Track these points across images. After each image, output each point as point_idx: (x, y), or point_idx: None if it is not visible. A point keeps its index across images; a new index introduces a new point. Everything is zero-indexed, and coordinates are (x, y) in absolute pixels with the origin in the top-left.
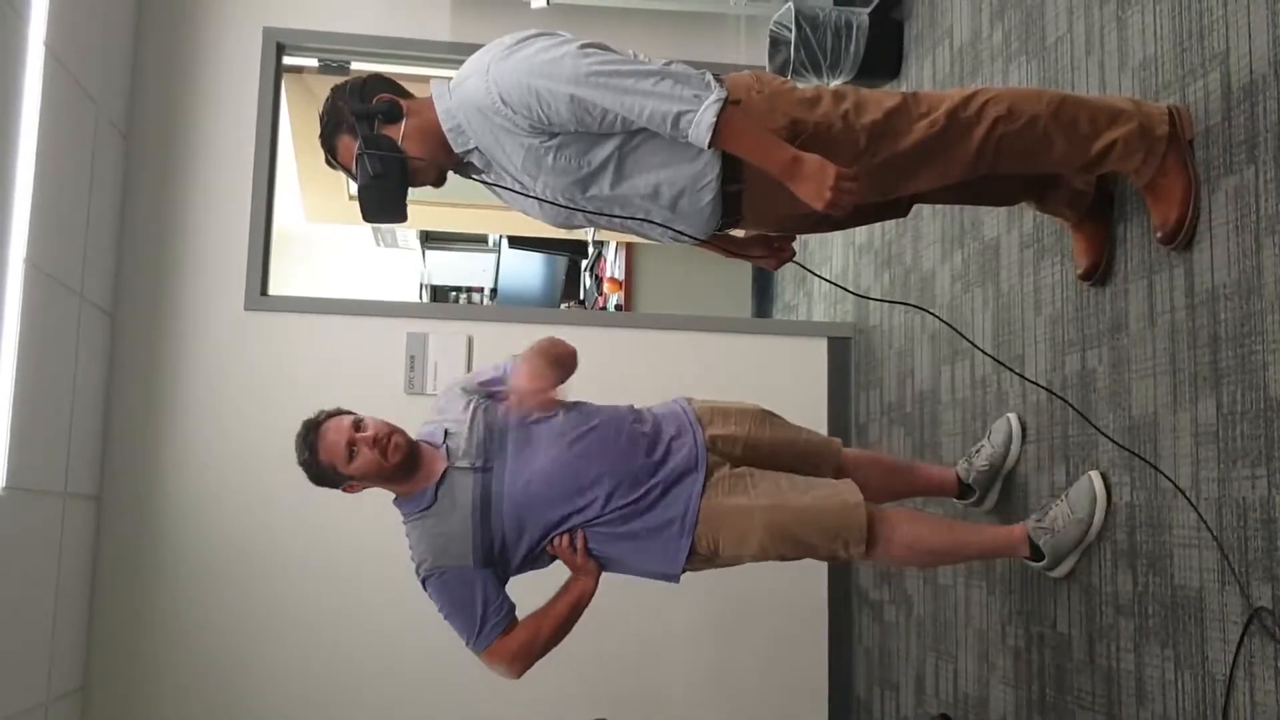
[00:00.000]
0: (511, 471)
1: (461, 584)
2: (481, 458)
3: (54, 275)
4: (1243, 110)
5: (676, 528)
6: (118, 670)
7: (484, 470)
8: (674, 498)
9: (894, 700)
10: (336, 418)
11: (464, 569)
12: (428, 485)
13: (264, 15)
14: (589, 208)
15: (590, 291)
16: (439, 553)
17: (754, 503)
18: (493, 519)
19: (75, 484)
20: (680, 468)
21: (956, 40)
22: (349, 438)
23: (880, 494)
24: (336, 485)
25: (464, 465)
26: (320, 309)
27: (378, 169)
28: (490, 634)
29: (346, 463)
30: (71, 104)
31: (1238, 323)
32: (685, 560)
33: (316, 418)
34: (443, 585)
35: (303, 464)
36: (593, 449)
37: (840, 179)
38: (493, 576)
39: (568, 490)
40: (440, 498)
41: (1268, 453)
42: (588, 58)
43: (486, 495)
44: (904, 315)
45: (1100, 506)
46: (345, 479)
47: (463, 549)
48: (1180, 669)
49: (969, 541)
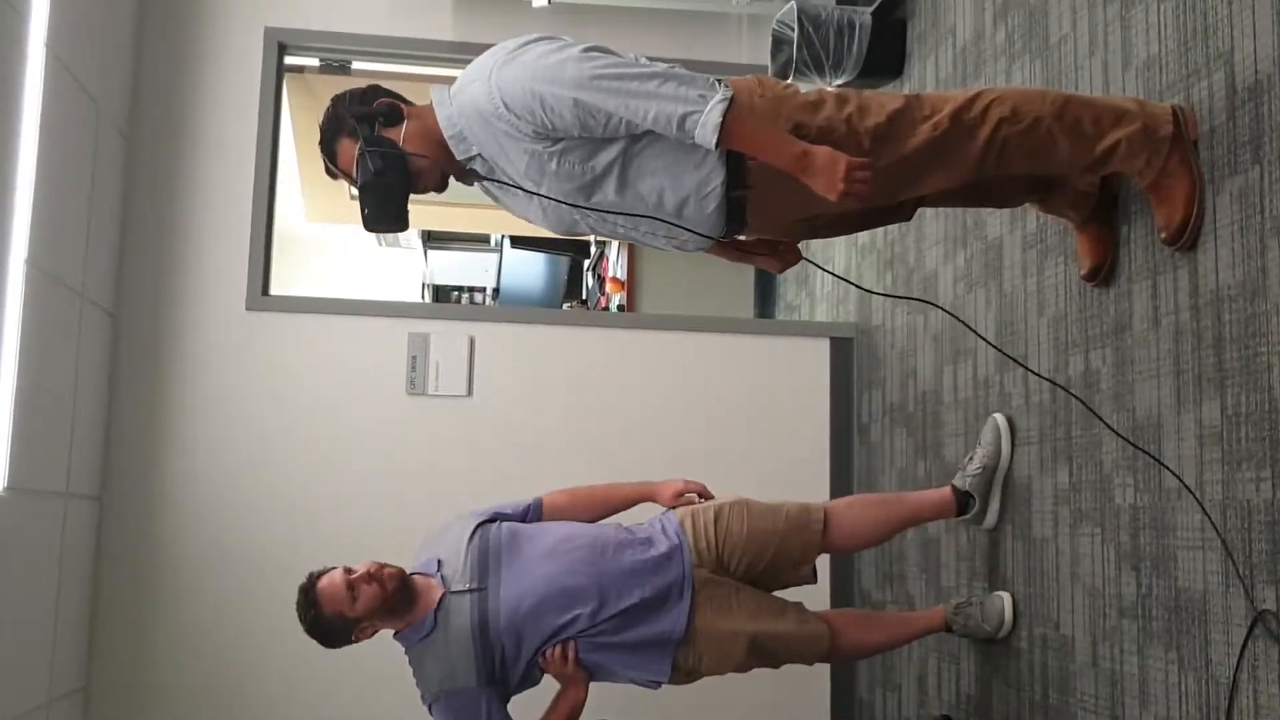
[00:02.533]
0: (506, 588)
1: (467, 705)
2: (476, 579)
3: (55, 275)
4: (1247, 110)
5: (665, 639)
6: (119, 670)
7: (479, 591)
8: (663, 613)
9: (896, 701)
10: (326, 574)
11: (469, 689)
12: (426, 614)
13: (266, 15)
14: (593, 214)
15: (592, 291)
16: (444, 677)
17: (740, 627)
18: (491, 636)
19: (77, 484)
20: (669, 583)
21: (959, 40)
22: (345, 581)
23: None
24: (348, 636)
25: (459, 589)
26: (322, 309)
27: (379, 166)
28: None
29: (352, 605)
30: (72, 104)
31: (1242, 324)
32: (667, 677)
33: (308, 581)
34: (449, 708)
35: (311, 624)
36: (582, 565)
37: (852, 169)
38: (495, 695)
39: (561, 603)
40: (439, 623)
41: (1272, 455)
42: (591, 61)
43: (484, 615)
44: (906, 315)
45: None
46: (355, 623)
47: (466, 670)
48: (1184, 672)
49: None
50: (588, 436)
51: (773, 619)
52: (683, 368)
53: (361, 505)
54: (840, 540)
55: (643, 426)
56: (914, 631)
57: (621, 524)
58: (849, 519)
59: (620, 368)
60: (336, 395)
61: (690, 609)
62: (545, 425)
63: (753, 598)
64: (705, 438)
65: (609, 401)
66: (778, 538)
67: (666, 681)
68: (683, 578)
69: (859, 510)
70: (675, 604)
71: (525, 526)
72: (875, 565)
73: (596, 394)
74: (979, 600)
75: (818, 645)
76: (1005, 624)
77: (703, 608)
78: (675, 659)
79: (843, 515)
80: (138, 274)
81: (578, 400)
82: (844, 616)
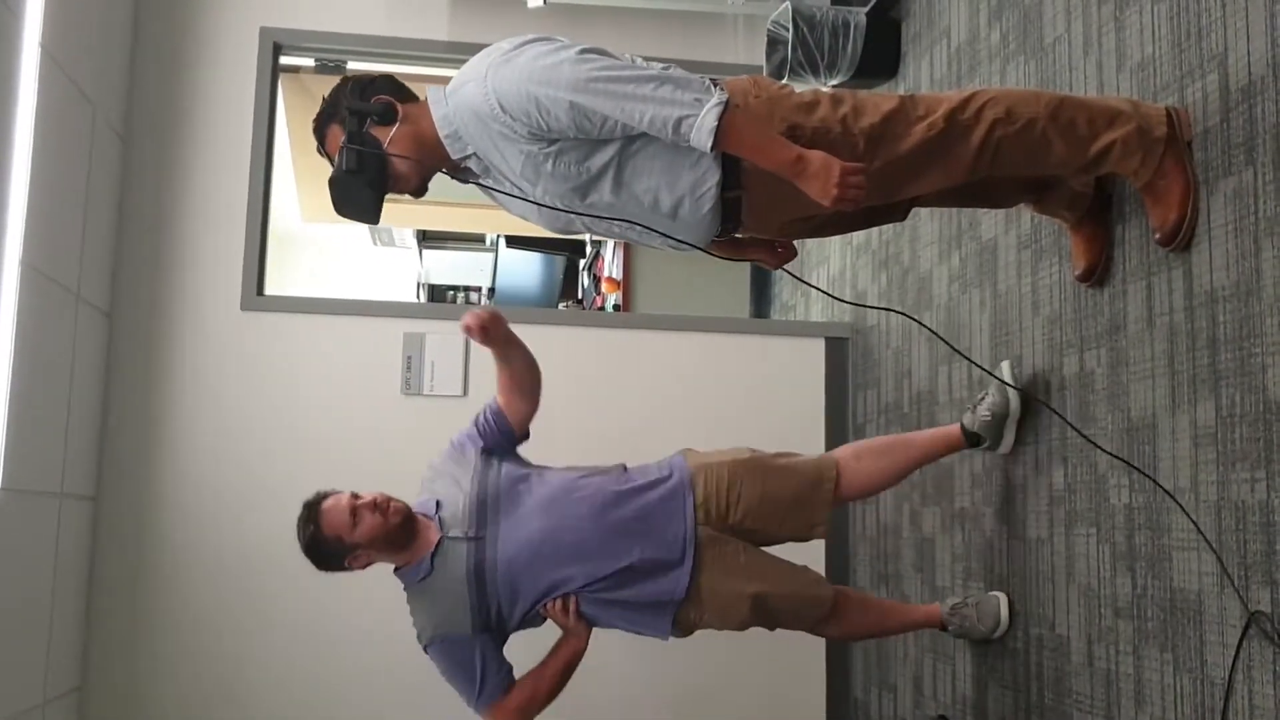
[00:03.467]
0: (503, 540)
1: (461, 650)
2: (473, 527)
3: (51, 276)
4: (1241, 112)
5: (666, 599)
6: (115, 670)
7: (476, 539)
8: (663, 571)
9: (892, 702)
10: (333, 495)
11: (463, 636)
12: (424, 556)
13: (261, 15)
14: (588, 215)
15: (588, 291)
16: (439, 622)
17: (744, 588)
18: (487, 586)
19: (72, 485)
20: (671, 541)
21: (954, 40)
22: (350, 506)
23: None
24: (342, 561)
25: (457, 535)
26: (317, 309)
27: (353, 165)
28: (490, 696)
29: (351, 530)
30: (68, 105)
31: (1237, 325)
32: (670, 634)
33: (314, 499)
34: (443, 652)
35: (308, 543)
36: (582, 520)
37: (846, 174)
38: (490, 641)
39: (557, 560)
40: (436, 567)
41: (1266, 455)
42: (587, 63)
43: (480, 564)
44: (901, 315)
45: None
46: (351, 549)
47: (461, 617)
48: (1179, 672)
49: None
50: (583, 436)
51: (779, 580)
52: (678, 367)
53: None
54: (853, 494)
55: (638, 426)
56: (908, 622)
57: (626, 466)
58: (861, 472)
59: (615, 368)
60: (332, 395)
61: (694, 568)
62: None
63: (760, 558)
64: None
65: (604, 401)
66: (790, 500)
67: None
68: (685, 535)
69: (869, 462)
70: (677, 564)
71: (526, 473)
72: (870, 565)
73: (592, 394)
74: (975, 601)
75: (819, 607)
76: (1001, 624)
77: (708, 567)
78: (676, 616)
79: (854, 469)
80: (133, 274)
81: (573, 400)
82: (847, 593)
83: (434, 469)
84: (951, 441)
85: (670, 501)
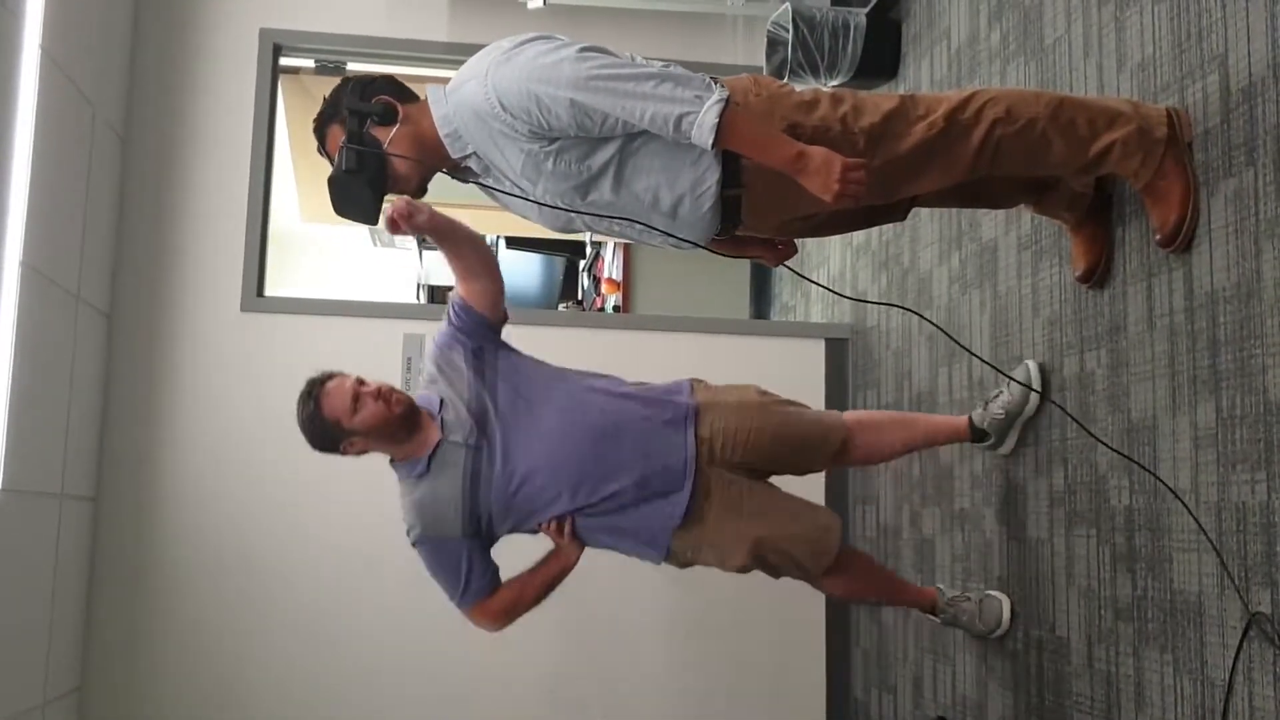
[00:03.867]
0: (501, 456)
1: (448, 551)
2: (473, 436)
3: (50, 277)
4: (1241, 113)
5: (659, 527)
6: (114, 671)
7: (475, 449)
8: (660, 504)
9: (892, 703)
10: (339, 376)
11: (452, 540)
12: (422, 453)
13: (261, 16)
14: (589, 214)
15: (588, 292)
16: (429, 522)
17: (743, 529)
18: (480, 497)
19: (72, 486)
20: (670, 473)
21: (954, 41)
22: (354, 391)
23: (890, 452)
24: (337, 445)
25: (456, 440)
26: (316, 310)
27: (352, 165)
28: (473, 596)
29: (351, 415)
30: (68, 106)
31: (1237, 326)
32: (664, 557)
33: (319, 376)
34: (431, 551)
35: (305, 421)
36: (582, 443)
37: (847, 170)
38: (479, 544)
39: (554, 481)
40: (433, 469)
41: (1267, 457)
42: (587, 61)
43: (475, 476)
44: (901, 316)
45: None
46: (348, 435)
47: (451, 521)
48: (1179, 674)
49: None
50: None
51: (783, 522)
52: (678, 369)
53: (356, 507)
54: (853, 460)
55: None
56: (903, 598)
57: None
58: (865, 440)
59: (615, 369)
60: None
61: (693, 497)
62: None
63: (765, 498)
64: None
65: None
66: (794, 449)
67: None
68: (685, 461)
69: (873, 433)
70: (675, 491)
71: (528, 385)
72: None
73: None
74: (977, 598)
75: (823, 555)
76: (1002, 627)
77: (712, 505)
78: (673, 548)
79: (858, 435)
80: (133, 275)
81: None
82: (854, 555)
83: (430, 370)
84: (956, 432)
85: (672, 427)
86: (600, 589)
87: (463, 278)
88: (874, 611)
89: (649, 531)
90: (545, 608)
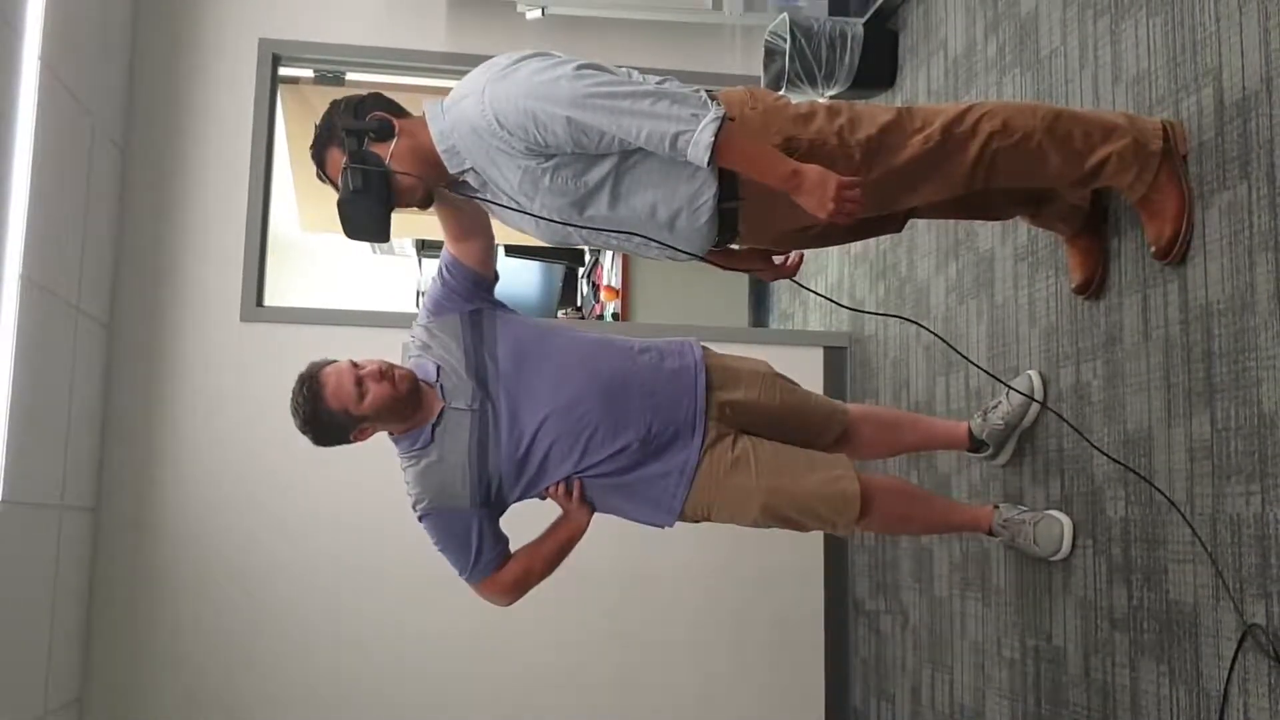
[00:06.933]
0: (506, 420)
1: (457, 523)
2: (477, 398)
3: (50, 289)
4: (1235, 126)
5: (671, 484)
6: (115, 682)
7: (480, 412)
8: (669, 459)
9: (890, 711)
10: (331, 364)
11: (461, 511)
12: (425, 424)
13: (260, 26)
14: (586, 228)
15: (587, 299)
16: (436, 493)
17: (755, 483)
18: (489, 461)
19: (72, 497)
20: (678, 426)
21: (951, 52)
22: (354, 376)
23: (887, 450)
24: (346, 435)
25: (460, 406)
26: (316, 320)
27: (359, 184)
28: (483, 570)
29: (358, 402)
30: (67, 117)
31: (1232, 338)
32: (675, 518)
33: (309, 370)
34: (438, 524)
35: (308, 419)
36: (590, 400)
37: (842, 188)
38: (488, 514)
39: (566, 442)
40: (437, 438)
41: (1261, 469)
42: (584, 79)
43: (483, 440)
44: (899, 325)
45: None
46: (358, 422)
47: (460, 490)
48: (1175, 684)
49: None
50: None
51: (795, 476)
52: None
53: (357, 517)
54: (849, 451)
55: None
56: (955, 523)
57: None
58: (862, 437)
59: None
60: None
61: (700, 455)
62: None
63: (776, 453)
64: None
65: None
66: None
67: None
68: (695, 411)
69: (872, 431)
70: (684, 445)
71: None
72: (869, 575)
73: None
74: (1034, 519)
75: (846, 509)
76: (1062, 551)
77: (722, 461)
78: (684, 508)
79: (861, 427)
80: (132, 286)
81: None
82: (882, 483)
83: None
84: (954, 439)
85: (681, 376)
86: (598, 598)
87: (456, 237)
88: (873, 620)
89: (660, 488)
90: (546, 610)
